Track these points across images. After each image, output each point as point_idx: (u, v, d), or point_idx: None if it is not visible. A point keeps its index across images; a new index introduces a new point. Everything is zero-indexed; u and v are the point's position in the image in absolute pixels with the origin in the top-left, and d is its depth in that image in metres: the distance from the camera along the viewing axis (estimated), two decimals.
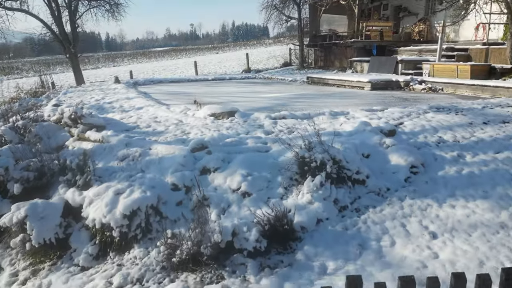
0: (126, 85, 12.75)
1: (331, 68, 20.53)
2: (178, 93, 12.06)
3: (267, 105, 8.95)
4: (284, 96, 10.98)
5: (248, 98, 10.30)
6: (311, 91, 12.13)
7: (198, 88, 13.97)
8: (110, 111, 7.48)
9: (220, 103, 9.14)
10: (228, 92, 12.44)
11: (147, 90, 12.98)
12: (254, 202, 3.99)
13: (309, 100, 9.82)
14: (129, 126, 6.10)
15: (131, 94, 9.91)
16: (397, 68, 14.49)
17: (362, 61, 17.03)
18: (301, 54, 21.77)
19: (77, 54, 20.91)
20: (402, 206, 3.93)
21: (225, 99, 10.23)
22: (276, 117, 6.31)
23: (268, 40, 73.04)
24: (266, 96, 10.85)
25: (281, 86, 14.13)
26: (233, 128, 5.72)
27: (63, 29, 20.53)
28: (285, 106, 8.69)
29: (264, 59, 32.73)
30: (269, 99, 10.13)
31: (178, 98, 10.42)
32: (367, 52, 18.38)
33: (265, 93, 11.91)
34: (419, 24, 18.87)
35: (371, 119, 6.07)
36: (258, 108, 8.31)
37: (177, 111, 6.98)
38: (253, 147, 4.84)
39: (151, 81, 16.06)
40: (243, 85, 14.80)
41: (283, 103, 9.30)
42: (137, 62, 53.19)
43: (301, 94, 11.27)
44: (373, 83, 12.06)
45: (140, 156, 4.83)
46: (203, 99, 10.00)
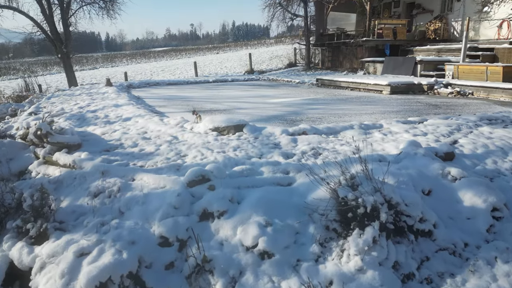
0: (117, 89, 11.51)
1: (339, 69, 19.29)
2: (175, 97, 10.82)
3: (277, 113, 7.71)
4: (294, 101, 9.74)
5: (254, 104, 9.06)
6: (323, 95, 10.89)
7: (198, 91, 12.74)
8: (91, 122, 6.24)
9: (223, 111, 7.90)
10: (231, 96, 11.20)
11: (141, 94, 11.73)
12: (277, 268, 2.76)
13: (324, 107, 8.58)
14: (111, 144, 4.86)
15: (121, 100, 8.67)
16: (416, 70, 13.25)
17: (375, 61, 15.79)
18: (307, 54, 20.53)
19: (69, 55, 19.66)
20: (495, 276, 2.69)
21: (228, 105, 8.99)
22: (295, 132, 5.07)
23: (269, 40, 71.87)
24: (275, 102, 9.61)
25: (288, 89, 12.89)
26: (242, 148, 4.48)
27: (54, 27, 19.29)
28: (299, 114, 7.45)
29: (267, 59, 31.48)
30: (279, 106, 8.89)
31: (175, 105, 9.18)
32: (379, 52, 17.16)
33: (273, 97, 10.67)
34: (435, 22, 17.63)
35: (414, 136, 4.83)
36: (268, 118, 7.07)
37: (172, 123, 5.73)
38: (271, 179, 3.60)
39: (147, 83, 14.81)
40: (247, 88, 13.56)
41: (296, 110, 8.06)
42: (135, 63, 52.14)
43: (313, 99, 10.03)
44: (393, 86, 10.83)
45: (119, 191, 3.59)
46: (204, 106, 8.78)
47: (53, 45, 19.37)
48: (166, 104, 9.23)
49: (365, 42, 16.90)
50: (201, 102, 9.74)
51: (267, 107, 8.69)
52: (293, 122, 6.60)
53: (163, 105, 9.14)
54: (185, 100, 10.10)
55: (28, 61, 59.67)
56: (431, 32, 17.71)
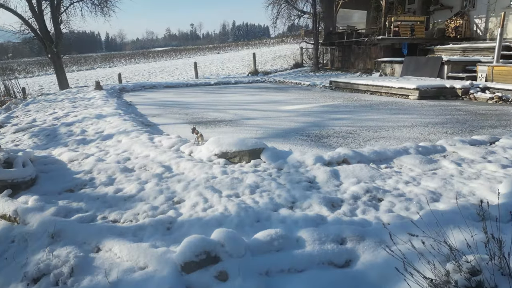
0: (107, 93, 10.14)
1: (351, 70, 17.91)
2: (173, 104, 9.44)
3: (295, 125, 6.34)
4: (311, 109, 8.36)
5: (265, 113, 7.68)
6: (341, 101, 9.51)
7: (198, 96, 11.37)
8: (62, 141, 4.86)
9: (229, 122, 6.51)
10: (236, 102, 9.82)
11: (134, 99, 10.36)
12: None
13: (349, 116, 7.20)
14: (78, 179, 3.48)
15: (107, 108, 7.30)
16: (442, 71, 11.88)
17: (392, 62, 14.41)
18: (315, 54, 19.14)
19: (60, 54, 18.30)
20: None
21: (234, 114, 7.61)
22: (333, 159, 3.69)
23: (270, 40, 70.51)
24: (289, 110, 8.23)
25: (300, 93, 11.51)
26: (263, 188, 3.10)
27: (44, 25, 17.95)
28: (323, 127, 6.07)
29: (270, 60, 30.11)
30: (294, 114, 7.52)
31: (172, 114, 7.80)
32: (395, 52, 15.77)
33: (284, 103, 9.28)
34: (455, 19, 16.23)
35: (503, 167, 3.45)
36: (285, 132, 5.70)
37: (165, 144, 4.35)
38: (318, 255, 2.22)
39: (142, 86, 13.42)
40: (253, 92, 12.19)
41: (317, 121, 6.68)
42: (134, 63, 50.95)
43: (332, 106, 8.65)
44: (422, 90, 9.44)
45: (71, 275, 2.21)
46: (205, 115, 7.40)
47: (43, 44, 18.02)
48: (161, 113, 7.85)
49: (380, 40, 15.50)
50: (202, 109, 8.37)
51: (281, 116, 7.31)
52: (319, 140, 5.23)
53: (157, 114, 7.76)
54: (183, 107, 8.72)
55: (27, 61, 58.58)
56: (451, 30, 16.31)
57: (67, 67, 50.75)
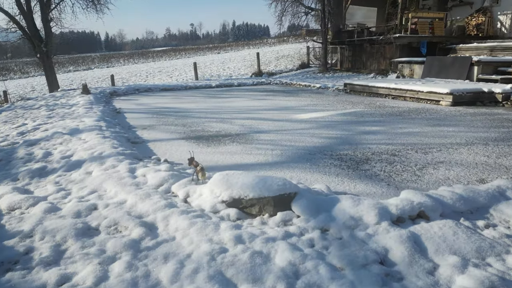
0: (94, 98, 8.87)
1: (362, 71, 16.62)
2: (169, 111, 8.16)
3: (319, 142, 5.05)
4: (331, 117, 7.08)
5: (278, 124, 6.40)
6: (363, 107, 8.23)
7: (198, 100, 10.09)
8: (13, 171, 3.58)
9: (236, 137, 5.19)
10: (242, 108, 8.55)
11: (125, 105, 9.09)
12: None
13: (382, 128, 5.91)
14: (8, 250, 2.22)
15: (87, 119, 6.01)
16: (471, 72, 10.60)
17: (411, 62, 13.12)
18: (324, 53, 17.86)
19: (50, 54, 17.01)
20: None
21: (241, 125, 6.32)
22: (404, 213, 2.42)
23: (271, 40, 69.21)
24: (305, 119, 6.95)
25: (312, 98, 10.23)
26: (305, 276, 1.83)
27: (33, 23, 16.69)
28: (355, 145, 4.79)
29: (273, 60, 28.82)
30: (314, 126, 6.24)
31: (166, 125, 6.52)
32: (412, 51, 14.49)
33: (298, 110, 8.00)
34: (477, 16, 14.96)
35: None
36: (309, 152, 4.41)
37: (151, 181, 3.05)
38: None
39: (136, 89, 12.12)
40: (259, 96, 10.91)
41: (344, 135, 5.40)
42: (132, 63, 49.84)
43: (355, 114, 7.37)
44: (456, 95, 8.17)
45: None
46: (207, 127, 6.10)
47: (31, 43, 16.75)
48: (154, 124, 6.57)
49: (398, 39, 14.21)
50: (203, 119, 7.10)
51: (297, 128, 6.03)
52: (358, 166, 3.96)
53: (148, 125, 6.49)
54: (181, 116, 7.45)
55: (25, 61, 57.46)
56: (472, 27, 15.04)
57: (64, 67, 49.59)
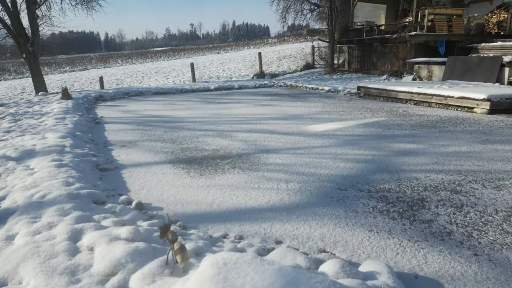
0: (74, 105, 7.68)
1: (373, 72, 15.44)
2: (158, 121, 6.96)
3: (347, 167, 3.85)
4: (352, 130, 5.87)
5: (289, 139, 5.20)
6: (386, 115, 7.04)
7: (193, 107, 8.89)
8: None
9: (238, 158, 3.91)
10: (245, 117, 7.35)
11: (109, 112, 7.90)
12: None
13: (420, 147, 4.72)
14: None
15: (52, 134, 4.82)
16: (502, 75, 9.42)
17: (429, 62, 11.94)
18: (331, 53, 16.67)
19: (36, 55, 15.83)
20: None
21: (243, 141, 5.10)
22: None
23: (272, 39, 68.11)
24: (321, 132, 5.75)
25: (324, 103, 9.04)
26: None
27: (18, 21, 15.51)
28: (395, 173, 3.58)
29: (275, 60, 27.62)
30: (334, 142, 5.03)
31: (151, 141, 5.32)
32: (428, 50, 13.31)
33: (310, 119, 6.80)
34: (498, 12, 13.78)
35: None
36: (337, 187, 3.18)
37: (99, 267, 1.85)
38: None
39: (126, 93, 10.92)
40: (263, 101, 9.71)
41: (376, 158, 4.20)
42: (130, 63, 48.69)
43: (379, 125, 6.18)
44: (495, 101, 6.99)
45: None
46: (201, 143, 4.84)
47: (16, 43, 15.55)
48: (137, 139, 5.38)
49: (414, 37, 13.01)
50: (197, 132, 5.91)
51: (314, 146, 4.84)
52: (413, 211, 2.76)
53: (130, 140, 5.29)
54: (171, 128, 6.26)
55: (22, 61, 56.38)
56: (493, 25, 13.85)
57: (61, 67, 48.47)
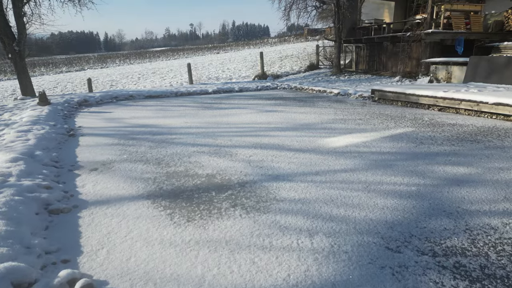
0: (50, 112, 6.65)
1: (383, 74, 14.41)
2: (145, 132, 5.93)
3: (390, 207, 2.81)
4: (378, 145, 4.83)
5: (303, 159, 4.17)
6: (411, 125, 6.01)
7: (188, 114, 7.85)
8: None
9: (239, 192, 2.70)
10: (247, 127, 6.31)
11: (90, 120, 6.87)
12: None
13: (473, 171, 3.68)
14: None
15: (2, 156, 3.81)
16: None
17: (448, 63, 10.91)
18: (337, 53, 15.64)
19: (23, 55, 14.81)
20: None
21: (246, 162, 4.03)
22: None
23: (272, 39, 67.23)
24: (340, 148, 4.70)
25: (336, 109, 8.00)
26: None
27: (3, 18, 14.48)
28: (458, 217, 2.52)
29: (277, 60, 26.59)
30: (361, 165, 3.99)
31: (131, 162, 4.27)
32: (444, 50, 12.30)
33: (323, 130, 5.77)
34: None
35: None
36: (384, 241, 2.09)
37: None
38: None
39: (114, 97, 9.88)
40: (267, 106, 8.67)
41: (422, 189, 3.16)
42: (128, 63, 47.73)
43: (408, 138, 5.14)
44: None
45: None
46: (193, 167, 3.69)
47: (1, 41, 14.52)
48: (114, 159, 4.34)
49: (430, 35, 11.99)
50: (190, 148, 4.87)
51: (337, 170, 3.80)
52: None
53: (105, 161, 4.26)
54: (159, 143, 5.22)
55: None
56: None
57: (58, 67, 47.48)
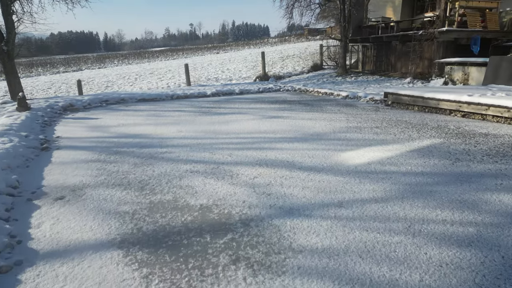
0: (28, 118, 5.88)
1: (392, 75, 13.65)
2: (131, 144, 5.16)
3: (446, 270, 2.04)
4: (406, 161, 4.04)
5: (321, 183, 3.38)
6: (437, 136, 5.23)
7: (183, 120, 7.07)
8: None
9: (241, 237, 1.97)
10: (249, 137, 5.53)
11: (71, 129, 6.09)
12: None
13: None
14: None
15: None
16: None
17: (465, 63, 10.13)
18: (343, 53, 14.86)
19: (11, 55, 14.06)
20: None
21: (251, 187, 3.21)
22: None
23: (272, 39, 66.55)
24: (361, 165, 3.91)
25: (347, 115, 7.23)
26: None
27: None
28: None
29: (278, 60, 25.81)
30: (392, 192, 3.20)
31: (108, 188, 3.47)
32: (458, 49, 11.52)
33: (338, 141, 4.99)
34: None
35: None
36: None
37: None
38: None
39: (104, 100, 9.08)
40: (271, 111, 7.89)
41: (486, 238, 2.35)
42: (126, 64, 47.00)
43: (439, 152, 4.36)
44: None
45: None
46: (183, 196, 2.67)
47: None
48: (88, 182, 3.57)
49: (444, 33, 11.21)
50: (182, 164, 4.10)
51: (365, 200, 3.03)
52: None
53: (76, 185, 3.48)
54: (146, 158, 4.45)
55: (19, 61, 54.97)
56: None
57: (55, 67, 46.78)
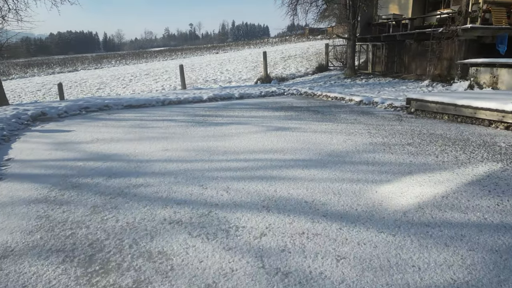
0: None
1: (406, 76, 12.51)
2: (99, 172, 4.02)
3: None
4: (469, 203, 2.89)
5: (364, 250, 2.22)
6: (491, 157, 4.09)
7: (172, 133, 5.93)
8: None
9: None
10: (251, 158, 4.39)
11: (32, 147, 4.95)
12: None
13: None
14: None
15: None
16: None
17: (494, 64, 8.98)
18: (352, 53, 13.72)
19: None
20: None
21: (256, 250, 1.97)
22: None
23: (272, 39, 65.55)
24: (410, 213, 2.77)
25: (366, 125, 6.09)
26: None
27: None
28: None
29: (280, 61, 24.67)
30: (488, 282, 2.10)
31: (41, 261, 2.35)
32: (482, 49, 10.40)
33: (366, 166, 3.86)
34: None
35: None
36: None
37: None
38: None
39: (84, 107, 7.91)
40: (276, 120, 6.76)
41: None
42: (124, 64, 45.94)
43: (506, 185, 3.24)
44: None
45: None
46: (153, 271, 1.67)
47: None
48: (13, 246, 2.45)
49: (467, 31, 10.08)
50: (160, 207, 2.97)
51: (436, 285, 1.91)
52: None
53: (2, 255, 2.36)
54: (113, 195, 3.31)
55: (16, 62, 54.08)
56: None
57: (51, 68, 45.76)
